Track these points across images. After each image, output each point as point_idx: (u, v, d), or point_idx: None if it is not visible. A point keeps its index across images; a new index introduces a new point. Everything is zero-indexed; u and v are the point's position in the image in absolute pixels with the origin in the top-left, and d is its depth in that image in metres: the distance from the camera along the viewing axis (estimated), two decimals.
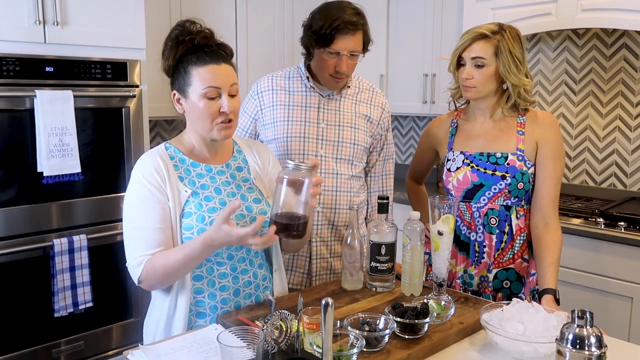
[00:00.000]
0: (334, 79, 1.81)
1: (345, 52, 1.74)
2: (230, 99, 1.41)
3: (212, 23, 1.52)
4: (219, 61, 1.41)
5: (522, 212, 1.71)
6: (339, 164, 1.86)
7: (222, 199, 1.47)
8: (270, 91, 1.89)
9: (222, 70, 1.41)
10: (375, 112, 1.94)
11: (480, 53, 1.66)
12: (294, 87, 1.89)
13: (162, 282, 1.40)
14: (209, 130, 1.43)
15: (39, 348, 2.42)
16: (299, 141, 1.84)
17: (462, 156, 1.75)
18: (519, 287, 1.71)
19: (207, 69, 1.39)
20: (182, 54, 1.42)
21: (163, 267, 1.36)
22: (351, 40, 1.74)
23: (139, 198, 1.42)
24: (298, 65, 1.93)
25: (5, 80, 2.27)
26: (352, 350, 1.16)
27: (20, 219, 2.34)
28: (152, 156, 1.46)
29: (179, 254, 1.36)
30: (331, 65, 1.77)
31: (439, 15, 3.29)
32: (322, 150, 1.85)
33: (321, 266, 1.88)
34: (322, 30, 1.72)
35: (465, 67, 1.69)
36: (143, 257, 1.38)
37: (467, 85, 1.70)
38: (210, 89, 1.39)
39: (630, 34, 2.81)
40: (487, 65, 1.66)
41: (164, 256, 1.37)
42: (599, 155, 3.00)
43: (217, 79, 1.39)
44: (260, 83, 1.92)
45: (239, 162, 1.58)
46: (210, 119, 1.41)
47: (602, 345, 1.04)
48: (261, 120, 1.90)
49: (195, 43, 1.42)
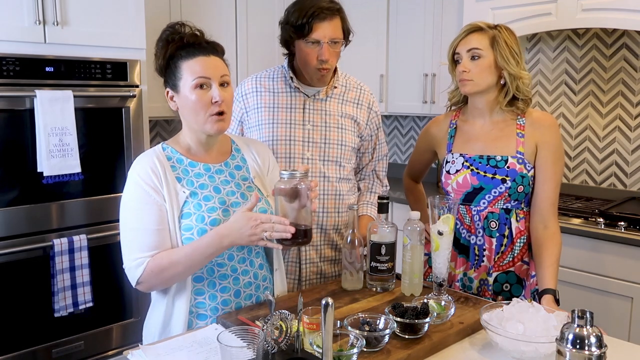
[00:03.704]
0: (320, 71, 1.78)
1: (325, 39, 1.72)
2: (221, 89, 1.41)
3: (212, 23, 1.53)
4: (208, 54, 1.43)
5: (522, 214, 1.71)
6: (326, 166, 1.84)
7: (222, 198, 1.46)
8: (254, 93, 1.87)
9: (211, 61, 1.42)
10: (362, 113, 1.91)
11: (475, 44, 1.66)
12: (278, 87, 1.86)
13: (166, 280, 1.39)
14: (203, 123, 1.42)
15: (39, 348, 2.42)
16: (284, 144, 1.81)
17: (461, 159, 1.74)
18: (519, 290, 1.71)
19: (196, 61, 1.41)
20: (173, 52, 1.44)
21: (170, 262, 1.36)
22: (329, 27, 1.72)
23: (135, 199, 1.41)
24: (282, 64, 1.91)
25: (5, 80, 2.27)
26: (352, 350, 1.16)
27: (20, 219, 2.34)
28: (148, 157, 1.45)
29: (187, 248, 1.37)
30: (314, 56, 1.75)
31: (439, 16, 3.29)
32: (309, 153, 1.83)
33: (311, 271, 1.87)
34: (299, 21, 1.72)
35: (461, 62, 1.68)
36: (142, 258, 1.38)
37: (464, 79, 1.68)
38: (200, 79, 1.39)
39: (630, 34, 2.81)
40: (483, 56, 1.66)
41: (170, 253, 1.37)
42: (599, 155, 3.00)
43: (207, 69, 1.40)
44: (244, 85, 1.90)
45: (238, 160, 1.58)
46: (203, 111, 1.40)
47: (602, 345, 1.04)
48: (246, 123, 1.88)
49: (185, 41, 1.43)
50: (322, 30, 1.72)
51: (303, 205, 1.35)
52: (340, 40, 1.78)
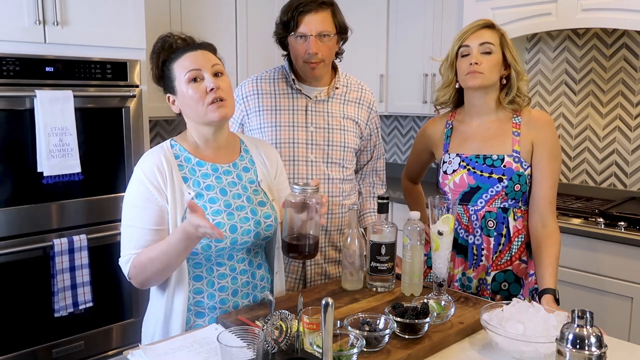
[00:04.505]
0: (309, 65, 1.76)
1: (312, 33, 1.71)
2: (215, 78, 1.42)
3: (212, 23, 1.53)
4: (196, 48, 1.45)
5: (520, 213, 1.71)
6: (330, 168, 1.84)
7: (227, 200, 1.45)
8: (255, 95, 1.86)
9: (200, 54, 1.44)
10: (362, 113, 1.91)
11: (489, 39, 1.66)
12: (279, 89, 1.85)
13: (149, 277, 1.39)
14: (204, 113, 1.41)
15: (39, 348, 2.43)
16: (288, 147, 1.81)
17: (458, 158, 1.74)
18: (517, 289, 1.71)
19: (185, 57, 1.43)
20: (165, 58, 1.47)
21: (149, 259, 1.36)
22: (315, 20, 1.71)
23: (137, 196, 1.42)
24: (282, 65, 1.90)
25: (5, 80, 2.27)
26: (352, 350, 1.16)
27: (20, 219, 2.34)
28: (156, 154, 1.45)
29: (163, 244, 1.35)
30: (302, 50, 1.74)
31: (439, 15, 3.29)
32: (312, 155, 1.82)
33: (315, 272, 1.87)
34: (285, 17, 1.73)
35: (469, 56, 1.67)
36: (131, 255, 1.40)
37: (475, 71, 1.65)
38: (192, 72, 1.41)
39: (630, 34, 2.81)
40: (494, 52, 1.66)
41: (149, 250, 1.38)
42: (599, 155, 3.00)
43: (196, 62, 1.42)
44: (244, 87, 1.89)
45: (246, 162, 1.56)
46: (201, 102, 1.40)
47: (602, 345, 1.04)
48: (247, 125, 1.87)
49: (174, 47, 1.47)
50: (307, 23, 1.71)
51: (311, 219, 1.36)
52: (331, 34, 1.75)
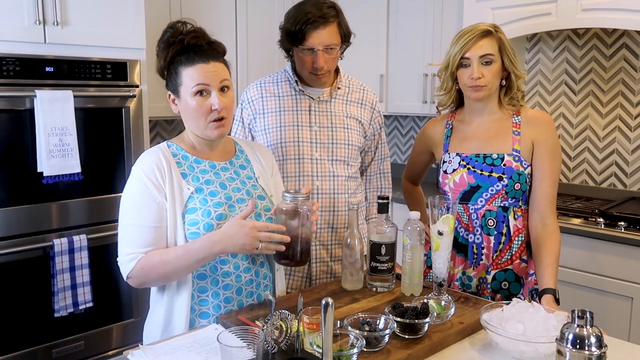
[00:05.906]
0: (315, 76, 1.79)
1: (319, 47, 1.72)
2: (220, 96, 1.42)
3: (212, 24, 1.53)
4: (207, 59, 1.43)
5: (520, 212, 1.71)
6: (335, 165, 1.86)
7: (228, 193, 1.47)
8: (260, 98, 1.88)
9: (211, 67, 1.43)
10: (365, 113, 1.92)
11: (489, 50, 1.66)
12: (283, 91, 1.88)
13: (158, 279, 1.40)
14: (203, 128, 1.44)
15: (39, 348, 2.43)
16: (293, 146, 1.83)
17: (458, 158, 1.75)
18: (517, 288, 1.71)
19: (195, 69, 1.41)
20: (173, 56, 1.45)
21: (161, 261, 1.37)
22: (323, 34, 1.72)
23: (136, 195, 1.42)
24: (285, 69, 1.92)
25: (5, 80, 2.27)
26: (352, 350, 1.16)
27: (20, 219, 2.34)
28: (154, 153, 1.47)
29: (180, 249, 1.38)
30: (309, 62, 1.76)
31: (439, 15, 3.29)
32: (317, 154, 1.84)
33: (321, 270, 1.88)
34: (293, 28, 1.72)
35: (470, 67, 1.66)
36: (135, 254, 1.39)
37: (478, 85, 1.66)
38: (199, 86, 1.41)
39: (630, 34, 2.81)
40: (494, 61, 1.66)
41: (162, 252, 1.38)
42: (599, 155, 3.00)
43: (206, 76, 1.41)
44: (249, 91, 1.91)
45: (242, 161, 1.59)
46: (203, 117, 1.42)
47: (602, 345, 1.04)
48: (254, 128, 1.90)
49: (185, 43, 1.44)
50: (315, 38, 1.72)
51: (303, 226, 1.38)
52: (337, 46, 1.77)
